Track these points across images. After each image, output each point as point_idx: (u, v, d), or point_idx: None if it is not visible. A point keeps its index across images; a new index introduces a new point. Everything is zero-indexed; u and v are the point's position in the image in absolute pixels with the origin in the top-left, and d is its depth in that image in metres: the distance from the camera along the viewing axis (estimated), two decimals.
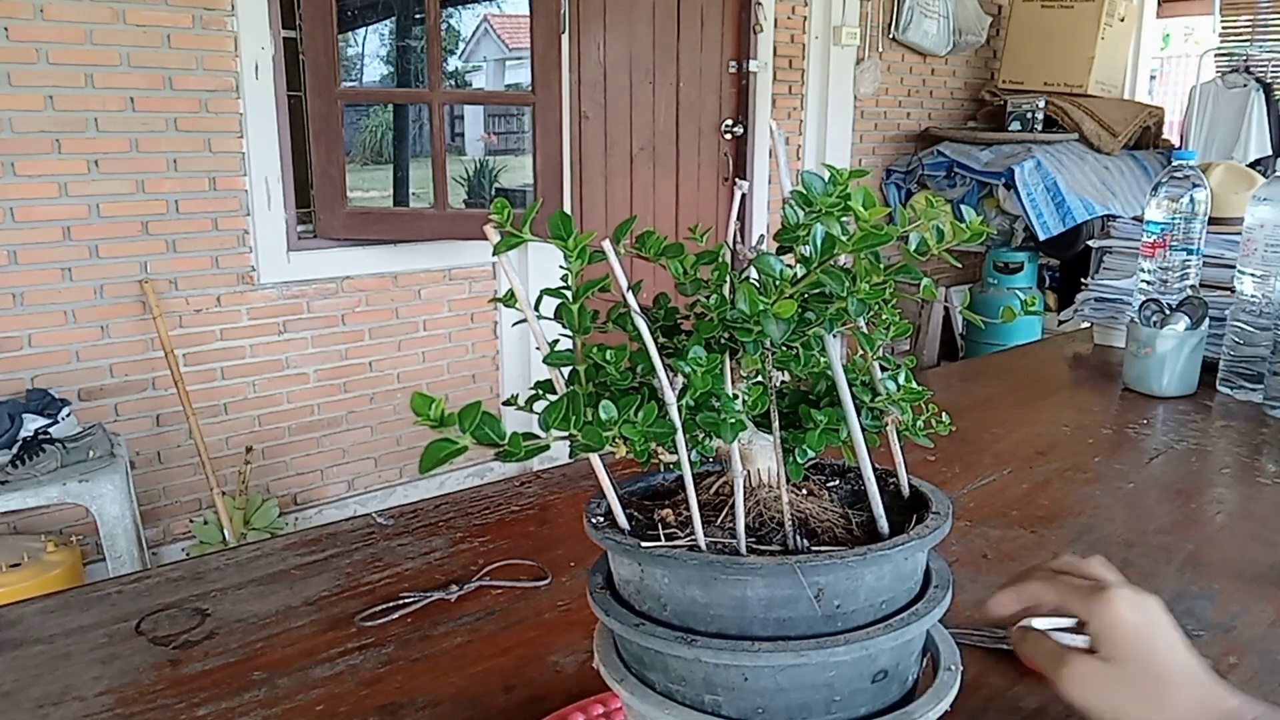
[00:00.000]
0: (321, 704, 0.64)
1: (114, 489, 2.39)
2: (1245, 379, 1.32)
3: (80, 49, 2.61)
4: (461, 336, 3.52)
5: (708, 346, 0.41)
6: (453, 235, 3.23)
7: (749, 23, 4.13)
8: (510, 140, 4.49)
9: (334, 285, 3.19)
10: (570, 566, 0.83)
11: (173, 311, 2.87)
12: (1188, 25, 8.41)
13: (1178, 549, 0.87)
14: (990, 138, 4.66)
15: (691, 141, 4.14)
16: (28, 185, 2.59)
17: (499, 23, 4.95)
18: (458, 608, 0.76)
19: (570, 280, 0.42)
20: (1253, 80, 5.13)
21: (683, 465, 0.41)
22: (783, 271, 0.38)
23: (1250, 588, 0.79)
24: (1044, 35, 4.94)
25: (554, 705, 0.63)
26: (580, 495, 0.99)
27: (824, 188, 0.38)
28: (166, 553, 2.96)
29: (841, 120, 4.56)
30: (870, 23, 4.58)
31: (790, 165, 4.26)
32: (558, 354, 0.42)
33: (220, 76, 2.84)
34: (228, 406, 3.03)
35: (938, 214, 0.41)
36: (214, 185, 2.89)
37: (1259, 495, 1.02)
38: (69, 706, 0.64)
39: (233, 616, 0.75)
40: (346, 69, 4.01)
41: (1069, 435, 1.20)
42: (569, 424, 0.38)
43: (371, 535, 0.89)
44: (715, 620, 0.40)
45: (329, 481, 3.31)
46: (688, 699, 0.41)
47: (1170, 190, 1.40)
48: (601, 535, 0.43)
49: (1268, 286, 1.27)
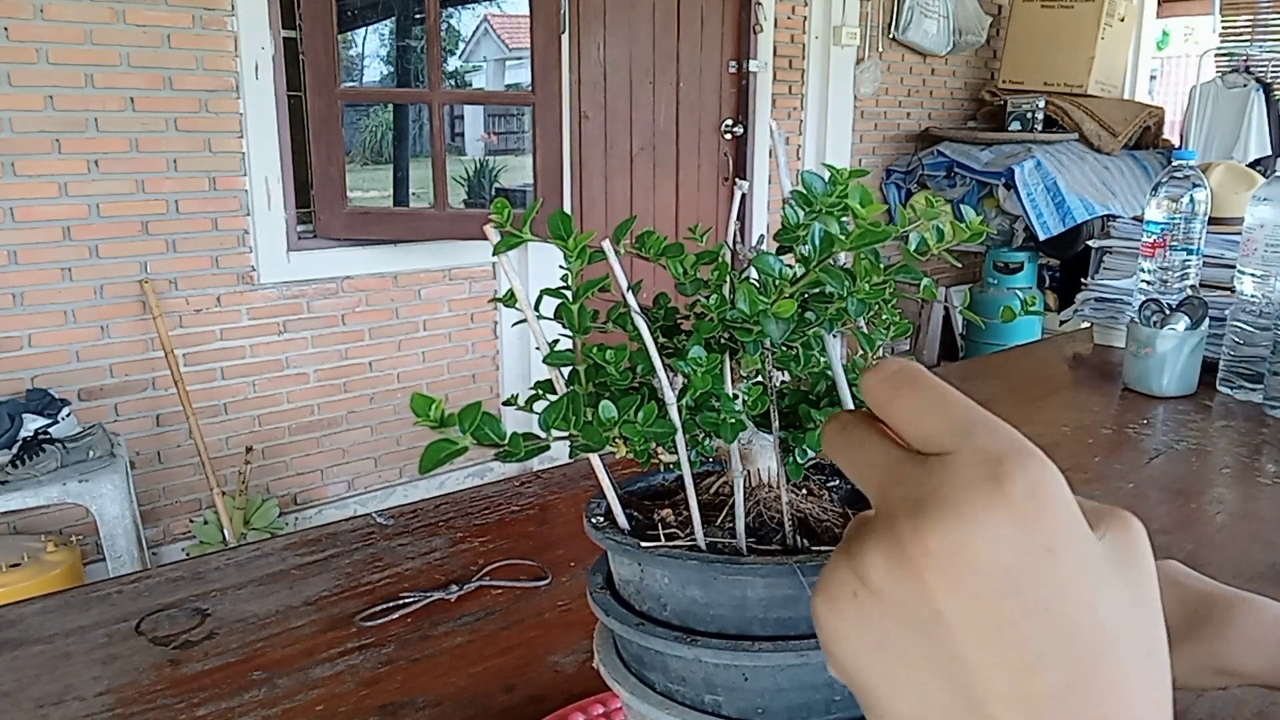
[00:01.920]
0: (321, 704, 0.64)
1: (114, 489, 2.39)
2: (1245, 379, 1.32)
3: (80, 49, 2.61)
4: (461, 336, 3.52)
5: (708, 346, 0.41)
6: (453, 235, 3.23)
7: (749, 23, 4.13)
8: (510, 140, 4.49)
9: (334, 285, 3.19)
10: (570, 566, 0.83)
11: (173, 311, 2.87)
12: (1188, 25, 8.41)
13: (1178, 549, 0.87)
14: (990, 138, 4.66)
15: (691, 141, 4.14)
16: (28, 185, 2.59)
17: (499, 23, 4.95)
18: (458, 608, 0.76)
19: (570, 280, 0.42)
20: (1253, 80, 5.13)
21: (683, 465, 0.41)
22: (783, 271, 0.38)
23: (1250, 588, 0.79)
24: (1044, 35, 4.94)
25: (554, 705, 0.63)
26: (580, 495, 0.99)
27: (824, 187, 0.38)
28: (166, 553, 2.95)
29: (841, 120, 4.56)
30: (870, 23, 4.58)
31: (790, 165, 4.26)
32: (558, 354, 0.42)
33: (220, 76, 2.84)
34: (228, 406, 3.03)
35: (938, 214, 0.41)
36: (214, 185, 2.89)
37: (1259, 495, 1.02)
38: (69, 706, 0.64)
39: (233, 616, 0.75)
40: (346, 69, 4.01)
41: (1069, 435, 1.20)
42: (569, 424, 0.38)
43: (371, 535, 0.89)
44: (715, 620, 0.40)
45: (329, 481, 3.31)
46: (688, 699, 0.41)
47: (1170, 190, 1.40)
48: (601, 535, 0.43)
49: (1268, 286, 1.27)
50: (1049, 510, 0.25)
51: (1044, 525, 0.25)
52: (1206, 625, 0.55)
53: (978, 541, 0.25)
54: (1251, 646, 0.53)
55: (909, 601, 0.26)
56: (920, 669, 0.26)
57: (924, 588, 0.25)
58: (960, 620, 0.25)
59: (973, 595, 0.25)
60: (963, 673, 0.25)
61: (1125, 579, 0.26)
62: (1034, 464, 0.26)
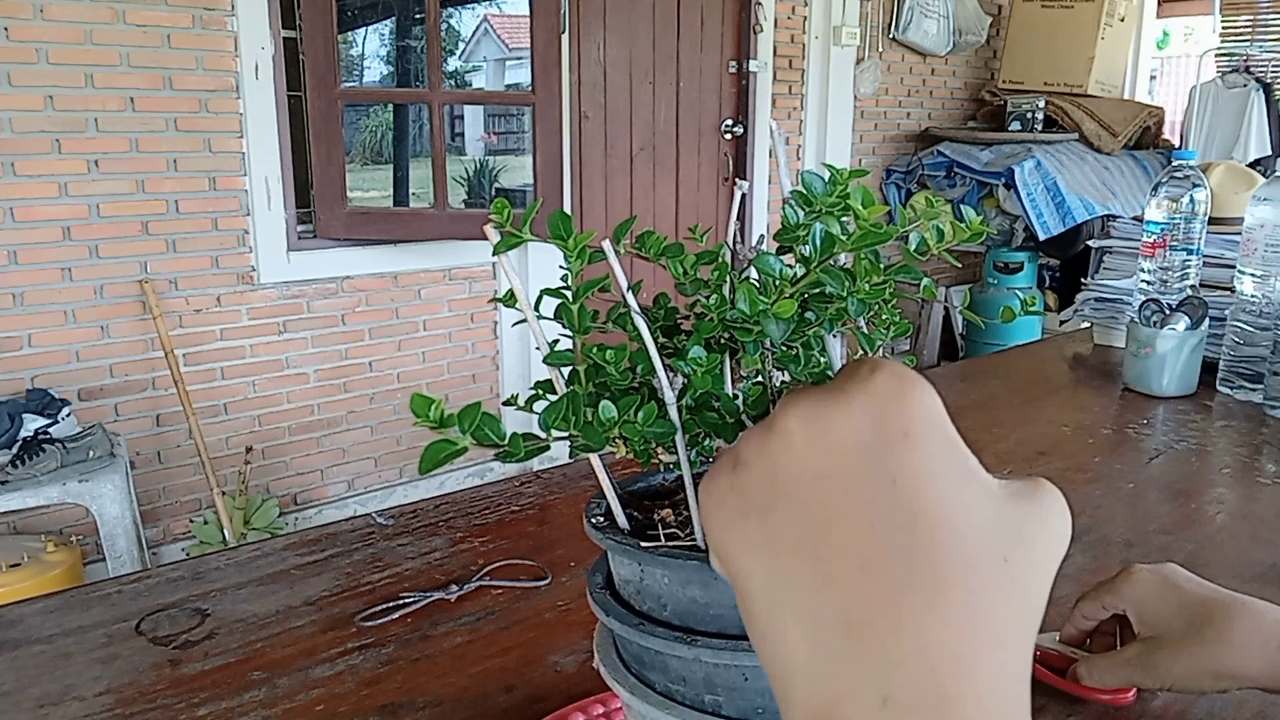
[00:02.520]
0: (321, 704, 0.64)
1: (114, 489, 2.39)
2: (1245, 379, 1.32)
3: (80, 49, 2.61)
4: (461, 336, 3.52)
5: (708, 346, 0.40)
6: (453, 235, 3.23)
7: (749, 23, 4.13)
8: (510, 140, 4.49)
9: (334, 285, 3.19)
10: (570, 566, 0.83)
11: (173, 311, 2.87)
12: (1188, 25, 8.41)
13: (1178, 549, 0.87)
14: (990, 138, 4.66)
15: (691, 141, 4.14)
16: (28, 185, 2.59)
17: (499, 23, 4.95)
18: (458, 608, 0.76)
19: (570, 280, 0.42)
20: (1253, 80, 5.13)
21: (683, 465, 0.41)
22: (783, 271, 0.38)
23: (1250, 588, 0.79)
24: (1044, 35, 4.94)
25: (554, 705, 0.63)
26: (580, 495, 0.99)
27: (825, 187, 0.38)
28: (166, 553, 2.95)
29: (841, 120, 4.56)
30: (870, 23, 4.58)
31: (790, 165, 4.26)
32: (558, 354, 0.42)
33: (220, 76, 2.84)
34: (228, 406, 3.03)
35: (938, 214, 0.41)
36: (214, 185, 2.89)
37: (1259, 495, 1.02)
38: (69, 706, 0.64)
39: (233, 616, 0.75)
40: (346, 69, 4.01)
41: (1069, 435, 1.20)
42: (569, 424, 0.38)
43: (371, 535, 0.89)
44: (715, 620, 0.40)
45: (329, 481, 3.31)
46: (688, 699, 0.41)
47: (1170, 190, 1.40)
48: (601, 535, 0.43)
49: (1268, 286, 1.27)
50: (911, 403, 0.27)
51: (904, 414, 0.27)
52: (1206, 629, 0.55)
53: (838, 415, 0.27)
54: (1250, 650, 0.54)
55: (772, 468, 0.28)
56: (778, 537, 0.27)
57: (788, 455, 0.27)
58: (816, 486, 0.27)
59: (827, 461, 0.27)
60: (811, 538, 0.26)
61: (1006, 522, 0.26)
62: (907, 374, 0.28)
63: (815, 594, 0.26)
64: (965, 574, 0.25)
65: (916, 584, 0.25)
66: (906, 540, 0.25)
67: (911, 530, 0.25)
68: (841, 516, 0.26)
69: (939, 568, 0.25)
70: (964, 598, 0.25)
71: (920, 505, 0.26)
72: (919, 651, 0.24)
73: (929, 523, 0.25)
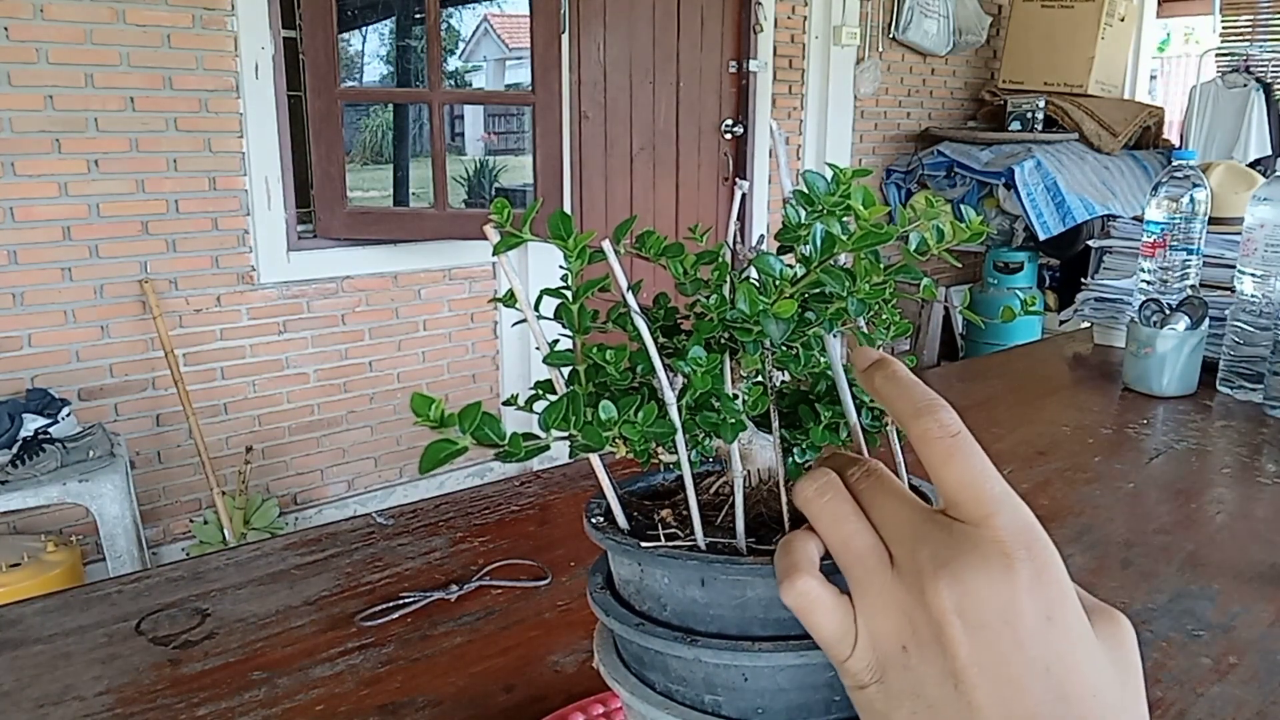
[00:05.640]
0: (321, 704, 0.64)
1: (114, 489, 2.39)
2: (1245, 379, 1.32)
3: (80, 49, 2.61)
4: (461, 336, 3.52)
5: (708, 346, 0.40)
6: (453, 235, 3.23)
7: (749, 23, 4.13)
8: (510, 140, 4.49)
9: (334, 285, 3.19)
10: (570, 566, 0.83)
11: (173, 311, 2.87)
12: (1188, 25, 8.41)
13: (1178, 549, 0.87)
14: (990, 138, 4.67)
15: (691, 141, 4.14)
16: (28, 185, 2.59)
17: (499, 23, 4.95)
18: (458, 608, 0.76)
19: (570, 280, 0.42)
20: (1253, 80, 5.13)
21: (683, 465, 0.41)
22: (783, 271, 0.38)
23: (1250, 588, 0.79)
24: (1044, 35, 4.94)
25: (554, 705, 0.63)
26: (580, 495, 0.99)
27: (826, 187, 0.38)
28: (166, 553, 2.96)
29: (841, 120, 4.56)
30: (870, 23, 4.58)
31: (790, 165, 4.26)
32: (558, 354, 0.42)
33: (220, 76, 2.84)
34: (228, 406, 3.03)
35: (938, 214, 0.41)
36: (214, 185, 2.89)
37: (1259, 495, 1.02)
38: (69, 706, 0.64)
39: (233, 616, 0.75)
40: (346, 69, 4.00)
41: (1069, 435, 1.20)
42: (569, 424, 0.38)
43: (371, 535, 0.89)
44: (715, 620, 0.40)
45: (329, 481, 3.31)
46: (688, 699, 0.41)
47: (1170, 190, 1.40)
48: (601, 535, 0.43)
49: (1268, 286, 1.27)
50: (1049, 586, 0.30)
51: (1045, 597, 0.30)
52: None
53: (990, 600, 0.29)
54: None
55: (937, 649, 0.30)
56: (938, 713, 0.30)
57: (949, 639, 0.30)
58: (975, 670, 0.29)
59: (986, 648, 0.29)
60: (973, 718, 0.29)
61: (1114, 663, 0.31)
62: (1040, 549, 0.31)
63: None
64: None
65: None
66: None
67: (1066, 717, 0.29)
68: (1004, 704, 0.29)
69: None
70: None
71: (1071, 689, 0.29)
72: None
73: (1080, 710, 0.29)
